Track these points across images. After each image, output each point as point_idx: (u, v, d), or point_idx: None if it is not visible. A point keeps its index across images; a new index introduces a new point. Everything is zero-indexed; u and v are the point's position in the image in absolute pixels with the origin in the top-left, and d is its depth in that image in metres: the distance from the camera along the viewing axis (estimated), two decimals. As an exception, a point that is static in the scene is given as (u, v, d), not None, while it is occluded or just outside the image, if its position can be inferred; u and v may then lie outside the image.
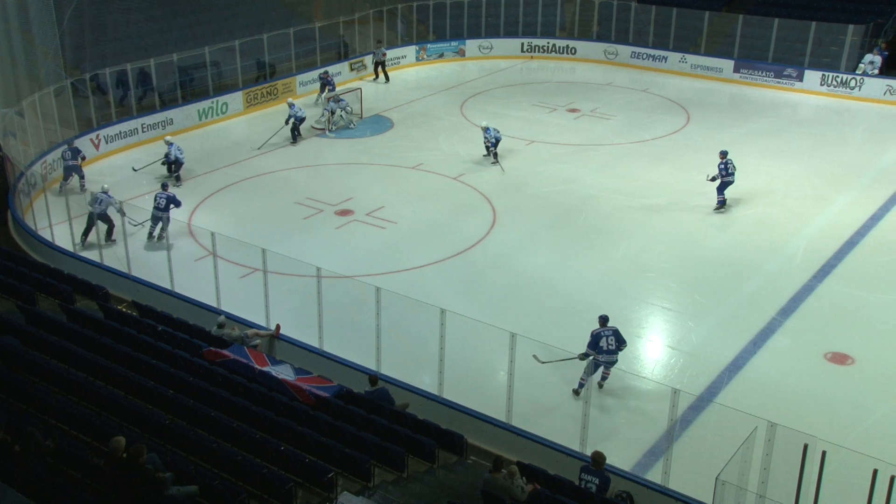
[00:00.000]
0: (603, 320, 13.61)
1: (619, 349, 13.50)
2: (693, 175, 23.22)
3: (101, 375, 12.51)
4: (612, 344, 13.33)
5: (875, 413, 13.62)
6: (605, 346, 13.30)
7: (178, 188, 21.71)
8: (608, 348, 13.30)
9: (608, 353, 13.32)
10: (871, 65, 30.34)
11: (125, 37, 28.98)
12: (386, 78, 33.19)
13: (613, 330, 13.50)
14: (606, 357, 13.33)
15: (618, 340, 13.45)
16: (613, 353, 13.39)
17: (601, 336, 13.37)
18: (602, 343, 13.32)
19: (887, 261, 18.56)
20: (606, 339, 13.36)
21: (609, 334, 13.38)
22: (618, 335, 13.46)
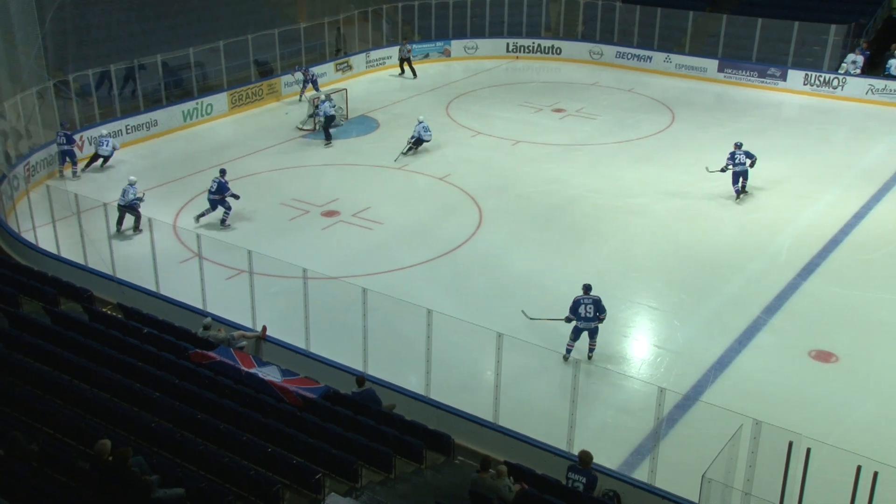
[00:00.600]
0: (585, 288, 14.54)
1: (597, 317, 14.35)
2: (678, 175, 23.36)
3: (86, 378, 12.44)
4: (591, 312, 14.27)
5: (859, 410, 13.72)
6: (584, 313, 14.30)
7: None
8: (586, 315, 14.29)
9: (586, 319, 14.30)
10: (853, 64, 30.56)
11: (108, 38, 28.82)
12: (413, 73, 33.56)
13: (594, 299, 14.37)
14: (584, 323, 14.31)
15: (597, 309, 14.34)
16: (591, 320, 14.31)
17: (580, 303, 14.35)
18: (581, 310, 14.31)
19: (871, 258, 18.70)
20: (585, 306, 14.31)
21: (588, 302, 14.32)
22: (598, 304, 14.34)
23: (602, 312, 14.40)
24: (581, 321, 14.36)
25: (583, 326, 14.42)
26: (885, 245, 19.26)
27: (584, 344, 14.74)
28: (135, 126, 25.85)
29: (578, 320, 14.36)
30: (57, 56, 26.50)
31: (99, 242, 17.03)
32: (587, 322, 14.36)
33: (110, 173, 23.52)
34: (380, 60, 34.64)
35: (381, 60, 34.70)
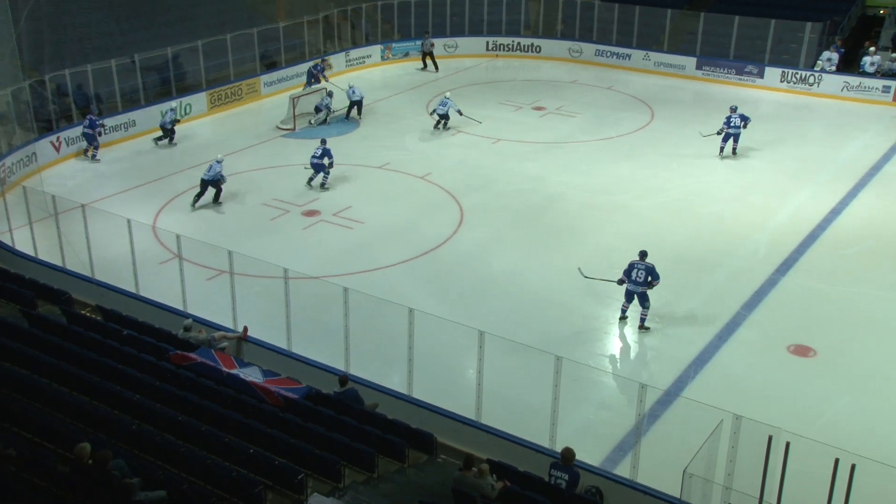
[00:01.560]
0: (641, 255, 15.61)
1: (647, 282, 15.35)
2: (659, 171, 23.49)
3: (65, 381, 12.35)
4: (641, 277, 15.39)
5: (837, 403, 13.87)
6: (635, 276, 15.47)
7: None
8: (636, 279, 15.43)
9: (635, 283, 15.45)
10: (828, 62, 30.83)
11: (85, 38, 28.53)
12: (435, 67, 34.14)
13: (647, 265, 15.40)
14: (633, 286, 15.47)
15: (648, 274, 15.36)
16: (640, 284, 15.37)
17: (634, 267, 15.51)
18: (633, 274, 15.48)
19: (848, 254, 18.89)
20: (637, 270, 15.47)
21: (641, 268, 15.43)
22: (650, 271, 15.38)
23: (655, 279, 15.38)
24: (630, 284, 15.48)
25: (631, 289, 15.50)
26: (862, 240, 19.45)
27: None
28: (112, 126, 25.66)
29: (629, 283, 15.48)
30: (32, 55, 26.23)
31: (77, 244, 16.88)
32: (635, 285, 15.41)
33: (103, 169, 23.38)
34: (359, 59, 34.56)
35: (361, 59, 34.62)
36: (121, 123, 25.90)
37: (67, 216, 17.97)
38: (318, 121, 27.47)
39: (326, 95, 27.66)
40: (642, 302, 15.64)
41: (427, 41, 34.12)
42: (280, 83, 30.95)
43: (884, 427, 13.36)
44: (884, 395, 14.16)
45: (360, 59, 34.63)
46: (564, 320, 16.32)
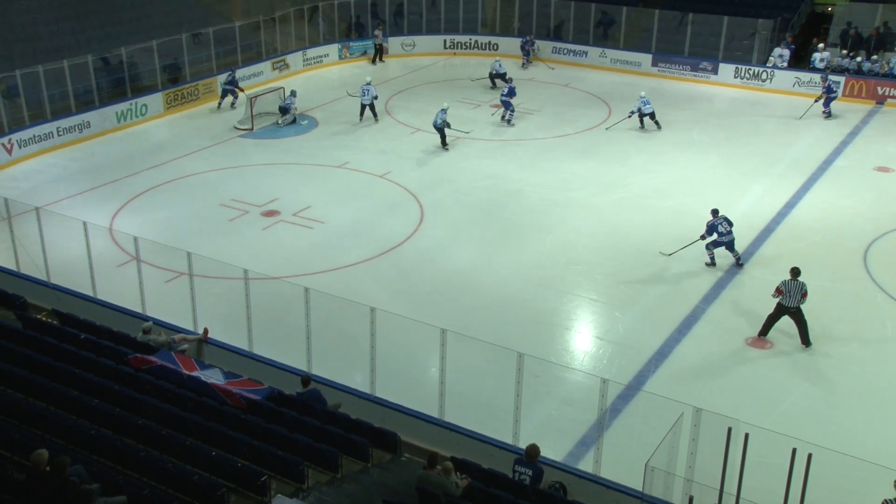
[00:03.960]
0: (714, 213, 17.82)
1: (731, 230, 17.61)
2: (616, 168, 23.72)
3: (21, 387, 12.13)
4: (727, 227, 17.58)
5: (793, 394, 14.13)
6: (723, 229, 17.60)
7: None
8: (724, 231, 17.58)
9: (726, 234, 17.60)
10: (780, 58, 31.38)
11: (35, 37, 28.06)
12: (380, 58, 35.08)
13: (724, 217, 17.64)
14: (726, 237, 17.61)
15: (728, 223, 17.63)
16: (729, 233, 17.60)
17: (716, 225, 17.64)
18: (720, 228, 17.60)
19: (801, 246, 19.23)
20: (720, 224, 17.58)
21: (721, 220, 17.61)
22: (727, 220, 17.64)
23: (731, 224, 17.63)
24: (723, 236, 17.60)
25: (725, 240, 17.63)
26: (814, 234, 19.83)
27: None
28: (66, 128, 25.23)
29: (720, 236, 17.59)
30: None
31: (31, 248, 16.58)
32: (727, 236, 17.58)
33: (58, 171, 22.97)
34: (316, 59, 34.39)
35: (318, 59, 34.46)
36: (75, 125, 25.47)
37: (21, 219, 17.65)
38: (287, 121, 27.27)
39: (290, 95, 27.47)
40: (731, 248, 17.87)
41: (379, 33, 34.50)
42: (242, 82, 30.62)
43: (839, 416, 13.65)
44: (838, 385, 14.46)
45: (318, 58, 34.46)
46: (525, 316, 16.42)
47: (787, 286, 15.16)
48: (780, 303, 15.24)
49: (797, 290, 15.09)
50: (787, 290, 15.12)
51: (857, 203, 21.54)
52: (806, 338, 15.30)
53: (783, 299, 15.18)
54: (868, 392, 14.23)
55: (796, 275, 15.23)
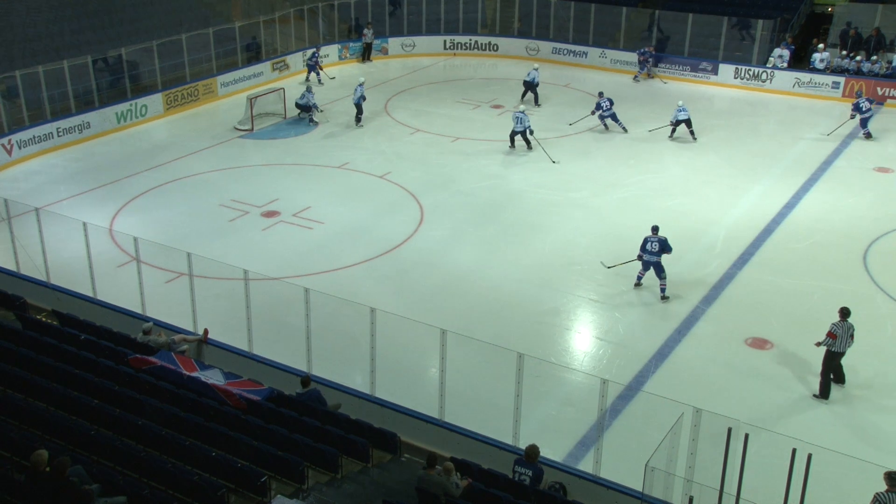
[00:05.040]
0: (654, 229, 16.84)
1: (661, 252, 16.58)
2: (616, 168, 23.72)
3: (21, 388, 12.13)
4: (656, 247, 16.65)
5: (793, 394, 14.12)
6: (650, 248, 16.71)
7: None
8: (651, 250, 16.68)
9: (650, 253, 16.69)
10: (780, 58, 31.39)
11: (35, 38, 28.06)
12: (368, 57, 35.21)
13: (659, 238, 16.64)
14: (649, 256, 16.72)
15: (661, 247, 16.60)
16: (654, 254, 16.63)
17: (647, 241, 16.79)
18: (648, 246, 16.76)
19: (801, 247, 19.24)
20: (651, 243, 16.75)
21: (654, 240, 16.69)
22: (663, 243, 16.62)
23: (667, 250, 16.63)
24: (646, 254, 16.74)
25: (646, 258, 16.78)
26: (814, 234, 19.84)
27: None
28: (66, 129, 25.23)
29: (646, 254, 16.73)
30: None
31: (31, 248, 16.58)
32: (651, 255, 16.70)
33: (58, 172, 22.98)
34: (317, 59, 34.37)
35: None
36: (75, 125, 25.46)
37: (21, 220, 17.65)
38: (311, 118, 27.36)
39: (307, 91, 27.46)
40: (659, 272, 16.79)
41: (369, 32, 34.52)
42: (237, 83, 30.70)
43: (839, 416, 13.63)
44: (839, 384, 14.44)
45: (318, 58, 34.42)
46: (525, 317, 16.42)
47: (839, 328, 13.74)
48: (832, 350, 13.76)
49: (847, 333, 13.74)
50: (840, 332, 13.71)
51: (857, 203, 21.54)
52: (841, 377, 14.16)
53: (835, 345, 13.73)
54: (868, 392, 14.21)
55: (846, 315, 13.87)
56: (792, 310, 16.65)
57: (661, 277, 16.81)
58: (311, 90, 27.61)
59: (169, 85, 28.69)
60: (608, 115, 26.49)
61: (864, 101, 25.70)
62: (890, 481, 10.11)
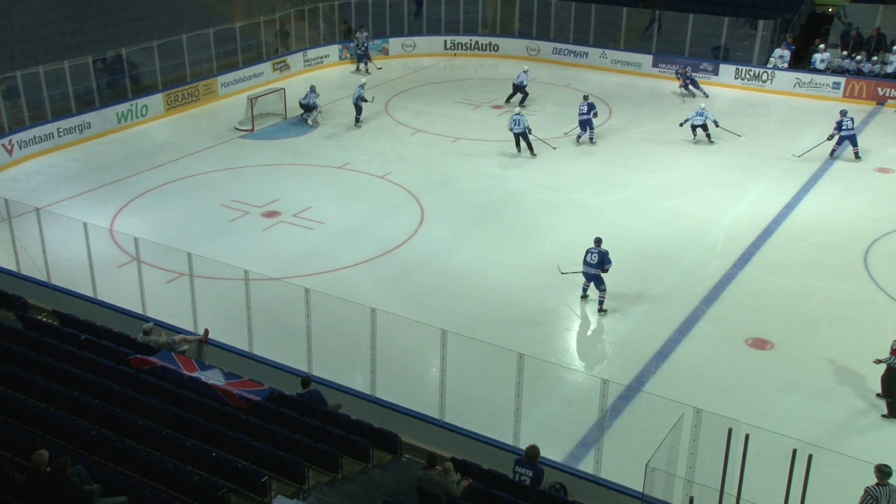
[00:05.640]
0: (596, 241, 16.42)
1: (600, 266, 16.19)
2: (617, 168, 23.73)
3: (21, 388, 12.13)
4: (594, 259, 16.28)
5: (794, 395, 14.12)
6: (589, 259, 16.36)
7: None
8: (590, 261, 16.32)
9: (588, 265, 16.34)
10: (780, 59, 31.38)
11: (35, 38, 28.07)
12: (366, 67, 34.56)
13: (599, 251, 16.26)
14: (587, 268, 16.39)
15: (601, 259, 16.20)
16: (592, 266, 16.28)
17: (588, 253, 16.42)
18: (587, 257, 16.38)
19: (801, 247, 19.24)
20: (590, 254, 16.35)
21: (594, 252, 16.31)
22: (602, 255, 16.23)
23: (606, 264, 16.21)
24: (585, 266, 16.39)
25: (584, 270, 16.45)
26: (814, 234, 19.83)
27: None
28: (66, 129, 25.23)
29: (584, 265, 16.41)
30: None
31: (32, 248, 16.59)
32: (588, 267, 16.35)
33: (58, 172, 22.98)
34: (317, 59, 34.40)
35: (319, 59, 34.46)
36: (75, 126, 25.46)
37: (21, 220, 17.66)
38: (313, 118, 27.34)
39: (310, 91, 27.43)
40: (597, 285, 16.35)
41: (362, 35, 34.23)
42: (237, 84, 30.69)
43: (839, 417, 13.63)
44: (839, 385, 14.45)
45: (318, 59, 34.47)
46: (526, 317, 16.42)
47: None
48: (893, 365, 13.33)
49: None
50: None
51: (858, 204, 21.54)
52: None
53: None
54: (869, 393, 14.21)
55: None
56: (792, 310, 16.65)
57: (599, 290, 16.43)
58: (314, 90, 27.55)
59: (169, 85, 28.70)
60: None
61: (847, 119, 23.98)
62: (880, 474, 10.19)
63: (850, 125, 23.93)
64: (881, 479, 10.14)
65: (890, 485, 10.13)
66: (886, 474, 10.16)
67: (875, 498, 10.06)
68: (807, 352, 15.31)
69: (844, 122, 23.90)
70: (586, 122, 25.48)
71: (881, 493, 10.08)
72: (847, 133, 23.93)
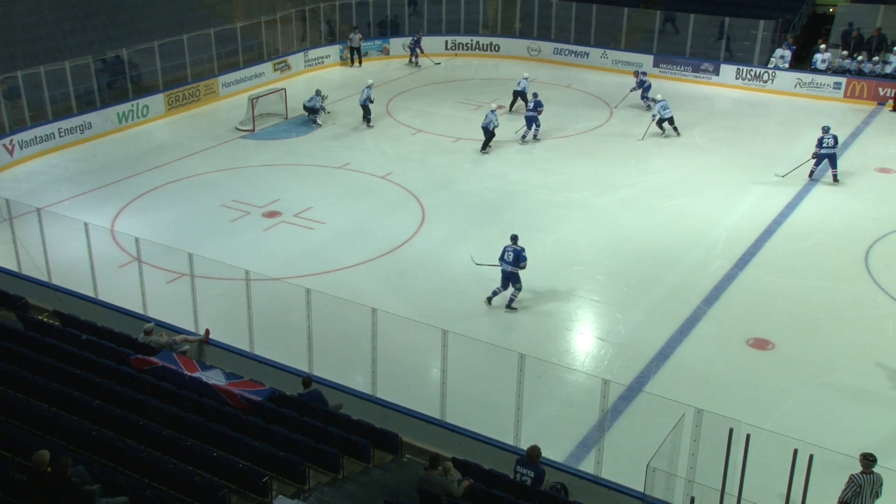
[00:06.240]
0: (512, 239, 16.48)
1: (516, 264, 16.22)
2: (618, 169, 23.72)
3: (22, 388, 12.14)
4: (510, 257, 16.29)
5: (794, 395, 14.11)
6: (506, 257, 16.37)
7: None
8: (507, 258, 16.34)
9: (506, 262, 16.35)
10: (781, 59, 31.36)
11: (36, 38, 28.08)
12: (359, 62, 34.72)
13: (514, 248, 16.31)
14: (504, 265, 16.41)
15: (516, 257, 16.23)
16: (509, 264, 16.30)
17: (505, 251, 16.43)
18: (504, 255, 16.40)
19: (802, 247, 19.23)
20: (507, 252, 16.37)
21: (510, 250, 16.35)
22: (517, 254, 16.24)
23: (522, 261, 16.23)
24: (503, 263, 16.41)
25: (502, 268, 16.46)
26: (815, 234, 19.83)
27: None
28: (67, 129, 25.24)
29: (501, 263, 16.43)
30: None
31: (33, 249, 16.59)
32: (505, 264, 16.36)
33: (59, 172, 22.99)
34: (318, 59, 34.41)
35: (320, 59, 34.47)
36: (76, 126, 25.47)
37: (22, 220, 17.65)
38: (315, 120, 27.29)
39: (316, 94, 27.38)
40: (514, 283, 16.45)
41: (355, 36, 34.32)
42: (238, 84, 30.71)
43: (840, 417, 13.63)
44: (840, 385, 14.45)
45: (319, 59, 34.48)
46: (527, 318, 16.41)
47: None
48: None
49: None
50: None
51: (859, 204, 21.53)
52: None
53: None
54: (869, 393, 14.20)
55: None
56: (793, 310, 16.64)
57: (515, 287, 16.44)
58: (319, 93, 27.44)
59: (170, 85, 28.71)
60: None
61: (829, 137, 22.15)
62: (865, 462, 10.28)
63: (832, 143, 22.15)
64: (866, 467, 10.27)
65: (875, 473, 10.27)
66: (871, 462, 10.29)
67: (859, 485, 10.20)
68: (808, 352, 15.30)
69: (826, 140, 22.17)
70: (532, 119, 25.75)
71: (865, 481, 10.20)
72: (827, 151, 22.19)
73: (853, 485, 10.19)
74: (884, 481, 10.22)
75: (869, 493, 10.21)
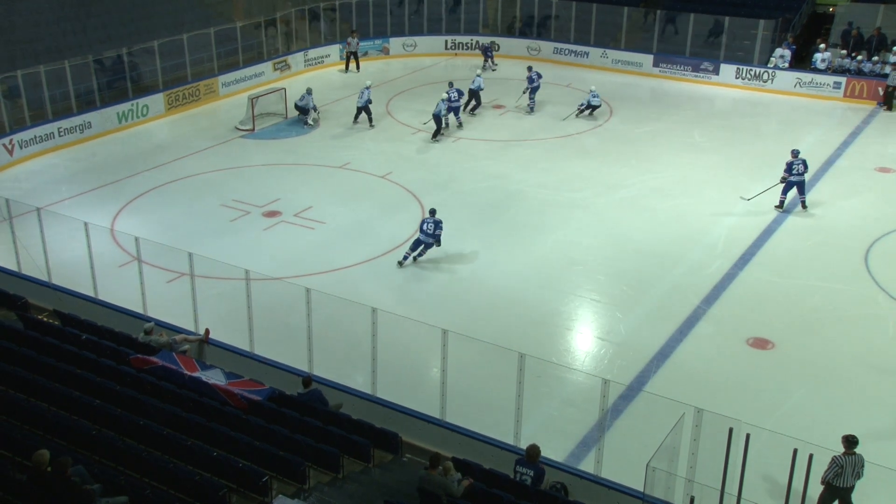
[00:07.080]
0: (431, 212, 18.18)
1: (434, 234, 17.89)
2: (618, 168, 23.72)
3: (22, 388, 12.14)
4: (430, 228, 17.92)
5: (794, 395, 14.12)
6: (426, 228, 17.96)
7: None
8: (426, 230, 17.93)
9: (425, 234, 17.95)
10: (781, 58, 31.36)
11: (36, 38, 28.07)
12: (357, 67, 34.16)
13: (434, 220, 17.95)
14: (423, 237, 18.00)
15: (435, 226, 17.91)
16: (430, 236, 17.92)
17: (424, 222, 18.05)
18: (423, 227, 17.98)
19: (802, 247, 19.23)
20: (426, 223, 17.99)
21: (430, 221, 17.98)
22: (437, 223, 17.93)
23: (438, 229, 17.91)
24: (422, 234, 17.97)
25: (421, 237, 18.01)
26: (816, 234, 19.83)
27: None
28: (67, 129, 25.24)
29: (421, 233, 17.98)
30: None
31: (33, 248, 16.59)
32: (425, 235, 17.94)
33: (59, 172, 23.00)
34: (318, 59, 34.40)
35: (320, 59, 34.46)
36: (76, 125, 25.47)
37: (22, 220, 17.66)
38: (314, 119, 27.29)
39: (306, 93, 27.36)
40: (425, 249, 18.16)
41: (354, 41, 34.01)
42: (238, 83, 30.71)
43: (840, 417, 13.62)
44: (840, 385, 14.45)
45: (319, 58, 34.47)
46: (526, 317, 16.41)
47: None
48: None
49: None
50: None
51: (859, 203, 21.53)
52: None
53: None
54: (869, 393, 14.21)
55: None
56: (793, 310, 16.64)
57: (422, 252, 18.15)
58: (310, 92, 27.44)
59: (170, 85, 28.70)
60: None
61: (798, 162, 20.52)
62: (847, 443, 10.44)
63: (801, 170, 20.49)
64: (848, 447, 10.42)
65: (856, 454, 10.41)
66: (853, 443, 10.46)
67: (840, 466, 10.36)
68: (808, 352, 15.30)
69: (795, 165, 20.49)
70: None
71: (846, 462, 10.35)
72: (797, 179, 20.53)
73: (835, 465, 10.38)
74: (865, 462, 10.43)
75: (851, 473, 10.42)
